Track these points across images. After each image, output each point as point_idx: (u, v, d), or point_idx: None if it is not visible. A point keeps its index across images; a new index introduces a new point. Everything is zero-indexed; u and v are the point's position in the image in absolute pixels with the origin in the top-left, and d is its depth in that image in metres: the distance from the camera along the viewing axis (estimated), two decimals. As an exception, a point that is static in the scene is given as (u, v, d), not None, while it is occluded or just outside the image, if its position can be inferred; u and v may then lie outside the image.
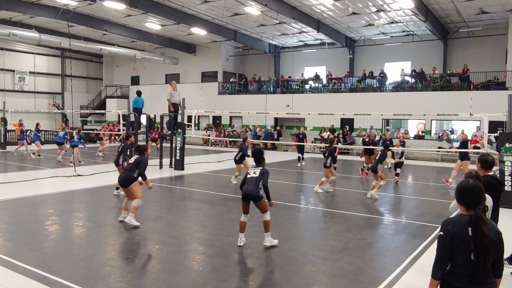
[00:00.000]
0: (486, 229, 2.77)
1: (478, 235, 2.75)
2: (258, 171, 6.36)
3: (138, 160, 7.62)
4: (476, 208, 2.85)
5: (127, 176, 7.48)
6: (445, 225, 2.89)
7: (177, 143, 15.05)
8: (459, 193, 2.94)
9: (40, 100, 33.58)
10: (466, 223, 2.82)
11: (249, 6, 20.89)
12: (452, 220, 2.90)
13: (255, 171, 6.40)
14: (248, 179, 6.35)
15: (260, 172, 6.33)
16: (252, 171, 6.44)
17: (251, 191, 6.24)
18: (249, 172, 6.44)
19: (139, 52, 30.43)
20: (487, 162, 4.78)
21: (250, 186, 6.27)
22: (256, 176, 6.30)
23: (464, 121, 20.92)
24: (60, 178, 12.74)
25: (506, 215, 8.58)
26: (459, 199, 2.95)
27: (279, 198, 10.37)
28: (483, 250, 2.74)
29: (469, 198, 2.88)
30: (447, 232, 2.84)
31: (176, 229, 7.51)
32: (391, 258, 6.10)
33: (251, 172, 6.42)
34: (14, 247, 6.24)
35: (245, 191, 6.29)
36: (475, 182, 2.92)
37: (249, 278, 5.29)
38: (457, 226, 2.83)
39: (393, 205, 10.28)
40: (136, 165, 7.55)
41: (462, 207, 2.94)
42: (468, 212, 2.88)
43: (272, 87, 28.78)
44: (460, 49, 24.57)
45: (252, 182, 6.28)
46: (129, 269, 5.50)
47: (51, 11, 22.86)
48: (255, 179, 6.29)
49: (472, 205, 2.87)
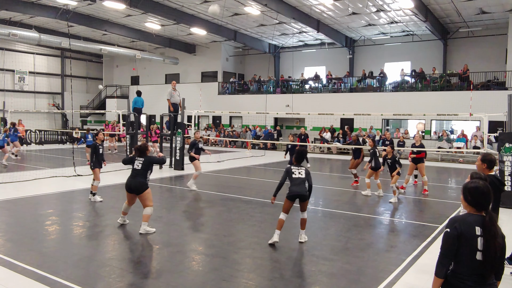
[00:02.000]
0: (497, 230, 2.77)
1: (490, 236, 2.74)
2: (303, 171, 6.64)
3: (147, 160, 7.21)
4: (487, 209, 2.84)
5: (140, 183, 7.06)
6: (452, 222, 2.87)
7: (177, 143, 15.05)
8: (471, 194, 2.90)
9: (40, 100, 33.56)
10: (474, 222, 2.81)
11: (249, 6, 20.89)
12: (460, 218, 2.88)
13: (300, 171, 6.65)
14: (295, 179, 6.57)
15: (305, 173, 6.63)
16: (297, 171, 6.66)
17: (301, 191, 6.49)
18: (294, 172, 6.65)
19: (139, 52, 30.42)
20: (493, 162, 4.76)
21: (298, 186, 6.51)
22: (302, 177, 6.57)
23: (464, 121, 20.92)
24: (60, 178, 12.73)
25: (506, 215, 8.58)
26: (470, 201, 2.91)
27: (279, 198, 10.34)
28: (494, 250, 2.73)
29: (481, 199, 2.87)
30: (454, 229, 2.81)
31: (176, 229, 7.50)
32: (391, 258, 6.10)
33: (296, 172, 6.64)
34: (14, 247, 6.24)
35: (294, 192, 6.51)
36: (485, 183, 2.91)
37: (249, 278, 5.28)
38: (465, 223, 2.82)
39: (393, 205, 10.27)
40: (145, 168, 7.16)
41: (471, 207, 2.91)
42: (478, 212, 2.87)
43: (272, 87, 28.78)
44: (460, 49, 24.57)
45: (299, 182, 6.53)
46: (129, 269, 5.49)
47: (51, 11, 22.85)
48: (301, 180, 6.55)
49: (484, 206, 2.86)
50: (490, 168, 4.75)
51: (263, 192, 11.53)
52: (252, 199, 10.29)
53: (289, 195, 6.56)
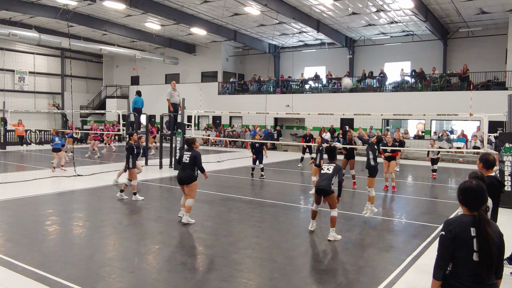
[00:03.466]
0: (490, 230, 2.77)
1: (483, 236, 2.73)
2: (332, 167, 6.98)
3: (193, 156, 7.69)
4: (479, 209, 2.84)
5: (189, 175, 7.63)
6: (447, 225, 2.87)
7: (177, 143, 15.05)
8: (462, 194, 2.91)
9: (40, 100, 33.55)
10: (469, 223, 2.80)
11: (249, 6, 20.89)
12: (454, 220, 2.88)
13: (328, 167, 7.01)
14: (322, 174, 7.00)
15: (334, 169, 6.95)
16: (326, 167, 7.04)
17: (324, 186, 6.82)
18: (323, 168, 7.07)
19: (139, 52, 30.42)
20: (489, 161, 4.71)
21: (324, 181, 6.86)
22: (329, 173, 6.91)
23: (464, 121, 20.92)
24: (60, 178, 12.73)
25: (506, 215, 8.59)
26: (461, 200, 2.92)
27: (279, 198, 10.37)
28: (488, 251, 2.72)
29: (472, 199, 2.86)
30: (449, 232, 2.81)
31: (176, 229, 7.50)
32: (391, 258, 6.10)
33: (325, 168, 7.04)
34: (14, 247, 6.24)
35: (318, 186, 6.94)
36: (478, 183, 2.89)
37: (249, 278, 5.28)
38: (459, 226, 2.81)
39: (393, 205, 10.27)
40: (193, 162, 7.65)
41: (464, 207, 2.92)
42: (471, 212, 2.87)
43: (272, 87, 28.78)
44: (460, 49, 24.57)
45: (325, 177, 6.89)
46: (129, 269, 5.50)
47: (51, 11, 22.85)
48: (328, 175, 6.89)
49: (475, 206, 2.85)
50: (488, 167, 4.71)
51: (263, 192, 11.54)
52: (252, 199, 10.29)
53: (315, 189, 7.03)
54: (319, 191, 6.91)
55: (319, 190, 6.89)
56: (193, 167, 7.65)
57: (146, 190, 11.32)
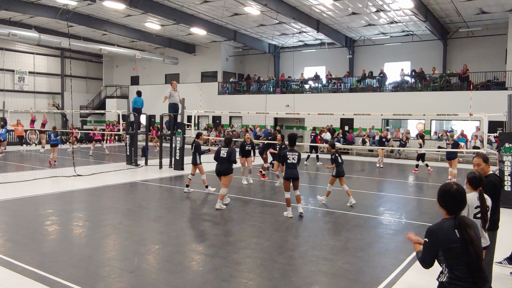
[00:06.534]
0: (473, 232, 2.78)
1: (467, 240, 2.74)
2: (296, 156, 8.14)
3: (230, 151, 8.90)
4: (457, 213, 2.84)
5: (227, 168, 8.89)
6: (429, 232, 2.89)
7: (176, 143, 15.04)
8: (441, 197, 2.93)
9: (40, 100, 33.53)
10: (452, 226, 2.82)
11: (249, 6, 20.88)
12: (436, 227, 2.88)
13: (293, 156, 8.13)
14: (290, 164, 8.11)
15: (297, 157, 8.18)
16: (292, 156, 8.12)
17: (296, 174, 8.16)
18: (289, 158, 8.11)
19: (138, 52, 30.40)
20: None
21: (295, 169, 8.14)
22: (295, 162, 8.13)
23: (464, 121, 20.92)
24: (60, 178, 12.73)
25: (506, 215, 8.58)
26: (441, 202, 2.94)
27: (279, 198, 10.37)
28: (475, 253, 2.73)
29: (450, 203, 2.88)
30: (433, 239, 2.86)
31: (176, 229, 7.50)
32: (391, 258, 6.10)
33: (291, 157, 8.10)
34: (14, 247, 6.24)
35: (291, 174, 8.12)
36: (458, 187, 2.90)
37: (249, 278, 5.28)
38: (442, 231, 2.83)
39: (393, 205, 10.27)
40: (229, 156, 8.86)
41: (444, 210, 2.93)
42: (450, 216, 2.88)
43: (272, 87, 28.77)
44: (459, 49, 24.56)
45: (294, 166, 8.14)
46: (129, 269, 5.49)
47: (51, 11, 22.84)
48: (295, 164, 8.17)
49: (454, 210, 2.87)
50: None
51: (263, 192, 11.54)
52: (252, 199, 10.29)
53: (286, 177, 8.18)
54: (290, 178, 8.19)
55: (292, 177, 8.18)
56: (229, 161, 8.83)
57: (146, 190, 11.32)
